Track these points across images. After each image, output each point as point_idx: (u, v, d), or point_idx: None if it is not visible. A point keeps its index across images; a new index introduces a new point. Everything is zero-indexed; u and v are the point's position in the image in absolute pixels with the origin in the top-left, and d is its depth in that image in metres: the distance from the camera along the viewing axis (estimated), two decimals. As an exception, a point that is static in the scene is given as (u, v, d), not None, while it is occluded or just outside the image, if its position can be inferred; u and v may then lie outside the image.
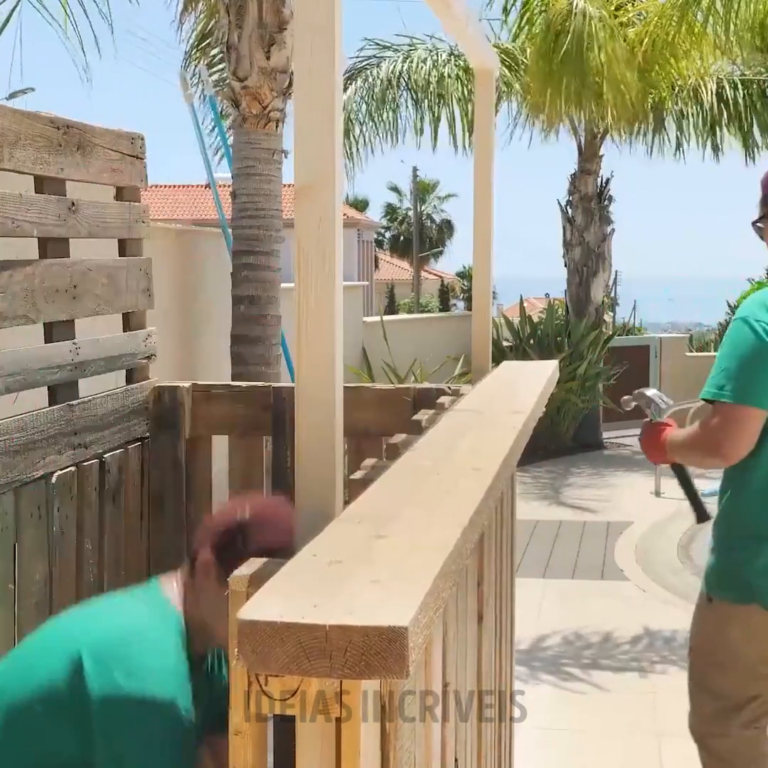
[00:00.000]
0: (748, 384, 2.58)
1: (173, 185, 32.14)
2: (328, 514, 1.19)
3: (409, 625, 0.88)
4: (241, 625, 0.89)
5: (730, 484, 2.76)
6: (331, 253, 1.18)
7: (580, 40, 10.09)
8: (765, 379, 2.59)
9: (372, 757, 1.04)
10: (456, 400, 2.32)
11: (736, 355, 2.61)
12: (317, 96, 1.17)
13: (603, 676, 4.85)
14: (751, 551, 2.70)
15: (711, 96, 11.76)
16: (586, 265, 12.01)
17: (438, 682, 1.40)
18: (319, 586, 0.98)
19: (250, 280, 6.55)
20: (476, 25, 2.66)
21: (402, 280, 47.92)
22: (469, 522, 1.22)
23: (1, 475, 2.24)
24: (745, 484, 2.71)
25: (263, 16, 6.46)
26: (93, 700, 1.69)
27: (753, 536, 2.71)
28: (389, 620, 0.88)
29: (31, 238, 2.45)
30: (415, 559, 1.07)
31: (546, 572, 6.66)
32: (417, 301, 39.40)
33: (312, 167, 1.18)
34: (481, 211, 2.92)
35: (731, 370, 2.60)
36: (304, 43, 1.18)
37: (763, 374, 2.59)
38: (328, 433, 1.20)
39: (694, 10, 10.04)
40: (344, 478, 1.33)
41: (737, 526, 2.74)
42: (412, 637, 0.88)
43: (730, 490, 2.76)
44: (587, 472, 10.36)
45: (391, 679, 0.89)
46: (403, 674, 0.88)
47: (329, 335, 1.19)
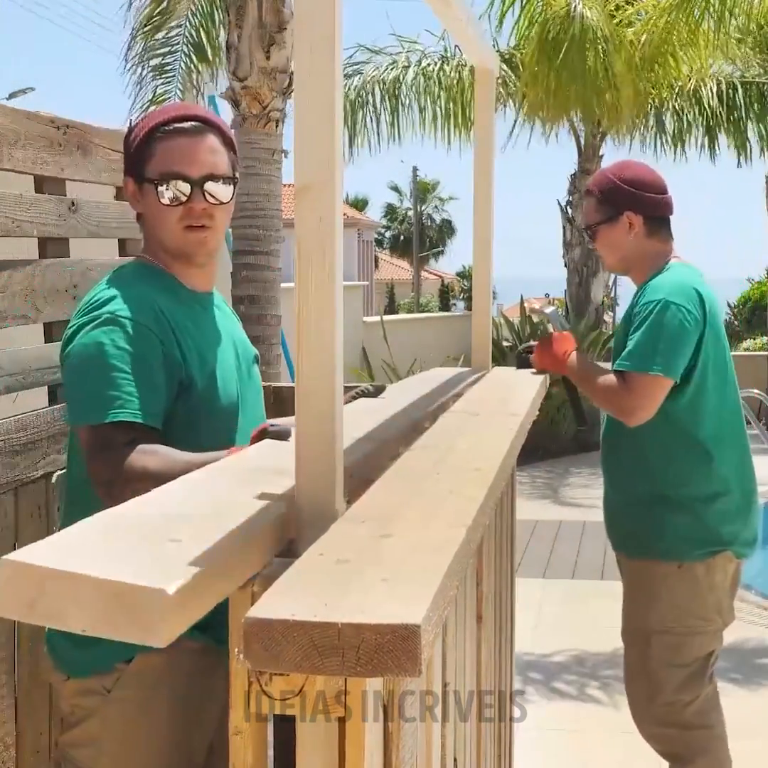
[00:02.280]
0: (672, 361, 2.84)
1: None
2: (330, 514, 1.19)
3: (422, 623, 0.88)
4: (251, 623, 0.89)
5: (669, 447, 2.95)
6: (332, 254, 1.18)
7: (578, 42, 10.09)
8: (681, 356, 2.85)
9: (376, 757, 1.04)
10: (455, 400, 2.33)
11: (664, 335, 2.85)
12: (317, 96, 1.17)
13: (603, 676, 4.85)
14: (717, 505, 2.92)
15: (711, 96, 11.77)
16: (586, 265, 12.02)
17: (438, 682, 1.40)
18: (328, 585, 0.98)
19: (250, 280, 6.56)
20: (476, 25, 2.66)
21: (402, 280, 47.92)
22: (473, 522, 1.22)
23: (1, 475, 2.24)
24: (693, 445, 2.93)
25: (263, 16, 6.46)
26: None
27: (717, 492, 2.93)
28: (402, 618, 0.88)
29: (31, 238, 2.45)
30: (421, 558, 1.08)
31: (546, 572, 6.66)
32: (417, 301, 39.40)
33: (312, 167, 1.18)
34: (481, 211, 2.92)
35: (655, 346, 2.84)
36: (304, 43, 1.18)
37: (681, 352, 2.85)
38: (329, 433, 1.20)
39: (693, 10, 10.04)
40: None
41: (696, 486, 2.94)
42: (425, 635, 0.89)
43: (677, 456, 2.94)
44: (587, 472, 10.35)
45: (404, 677, 0.89)
46: (416, 672, 0.88)
47: (330, 335, 1.19)
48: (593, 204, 3.09)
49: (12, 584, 0.95)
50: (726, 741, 3.04)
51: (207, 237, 1.96)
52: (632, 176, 3.03)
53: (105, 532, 1.10)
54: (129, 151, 1.99)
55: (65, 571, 0.94)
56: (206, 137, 1.95)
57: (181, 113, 1.97)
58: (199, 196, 1.91)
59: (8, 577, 0.96)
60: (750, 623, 5.36)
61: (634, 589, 3.02)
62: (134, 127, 1.99)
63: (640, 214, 3.00)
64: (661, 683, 2.95)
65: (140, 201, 1.98)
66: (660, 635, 2.94)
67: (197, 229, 1.93)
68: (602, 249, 3.15)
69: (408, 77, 11.90)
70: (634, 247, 3.04)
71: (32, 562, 0.96)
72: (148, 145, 1.94)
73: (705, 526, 2.92)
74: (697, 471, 2.94)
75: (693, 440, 2.93)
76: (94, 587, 0.93)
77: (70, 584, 0.94)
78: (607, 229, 3.05)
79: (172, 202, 1.91)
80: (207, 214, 1.92)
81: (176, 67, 8.93)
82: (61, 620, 0.94)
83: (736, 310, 21.17)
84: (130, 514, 1.17)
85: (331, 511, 1.20)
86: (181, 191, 1.90)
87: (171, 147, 1.92)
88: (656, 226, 3.04)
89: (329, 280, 1.19)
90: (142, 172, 1.94)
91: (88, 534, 1.08)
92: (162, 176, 1.91)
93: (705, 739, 2.99)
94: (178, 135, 1.93)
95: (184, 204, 1.91)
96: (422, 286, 44.96)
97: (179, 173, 1.90)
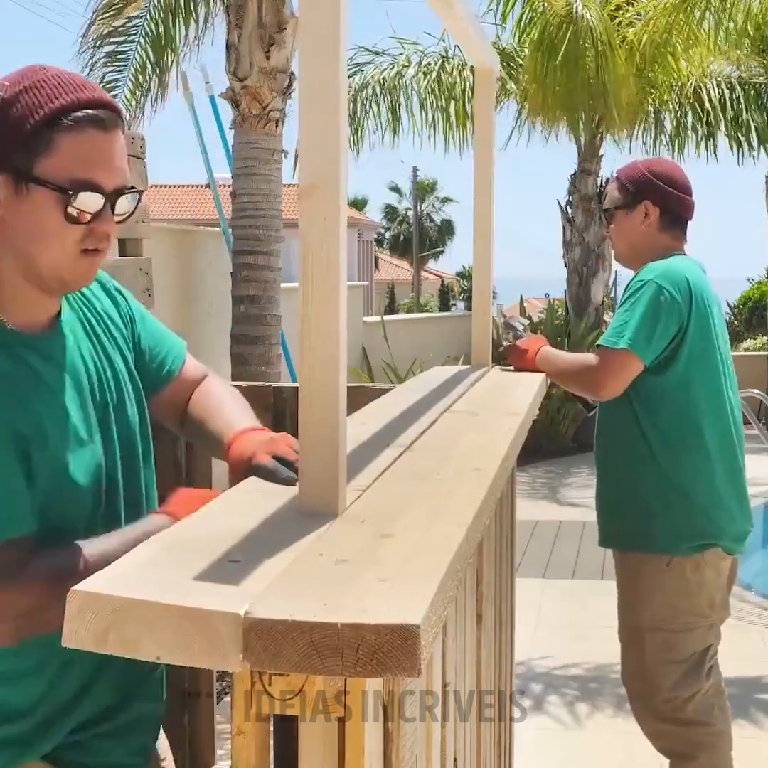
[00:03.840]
0: (643, 339, 2.87)
1: (173, 185, 32.14)
2: (333, 514, 1.19)
3: (421, 623, 0.88)
4: (249, 623, 0.89)
5: (673, 445, 2.96)
6: (336, 254, 1.18)
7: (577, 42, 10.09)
8: (654, 336, 2.88)
9: (376, 757, 1.04)
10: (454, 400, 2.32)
11: (640, 313, 2.88)
12: (321, 96, 1.17)
13: (603, 676, 4.85)
14: (701, 498, 2.94)
15: (710, 96, 11.77)
16: (586, 265, 12.01)
17: (438, 682, 1.40)
18: (327, 585, 0.98)
19: (250, 280, 6.56)
20: (477, 26, 2.66)
21: (402, 280, 47.92)
22: (472, 521, 1.22)
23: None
24: (701, 446, 2.95)
25: (263, 16, 6.47)
26: None
27: (703, 486, 2.95)
28: (401, 618, 0.88)
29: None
30: (421, 558, 1.08)
31: (546, 572, 6.66)
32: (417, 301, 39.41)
33: (316, 167, 1.17)
34: (481, 210, 2.92)
35: (629, 323, 2.89)
36: (309, 42, 1.17)
37: (654, 331, 2.88)
38: (333, 434, 1.19)
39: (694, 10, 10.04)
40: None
41: (683, 478, 2.95)
42: (424, 635, 0.89)
43: (673, 451, 2.95)
44: (587, 472, 10.34)
45: (403, 677, 0.89)
46: (415, 672, 0.88)
47: (334, 336, 1.19)
48: (616, 188, 3.13)
49: (84, 615, 0.94)
50: (730, 740, 3.04)
51: (96, 263, 1.51)
52: (660, 170, 3.08)
53: (168, 555, 1.08)
54: (4, 131, 1.42)
55: (137, 599, 0.93)
56: (118, 133, 1.47)
57: (89, 96, 1.45)
58: (108, 212, 1.46)
59: (80, 607, 0.94)
60: (750, 623, 5.36)
61: (627, 588, 3.04)
62: (16, 96, 1.42)
63: (657, 205, 3.04)
64: (658, 680, 2.96)
65: (9, 202, 1.44)
66: (653, 633, 2.96)
67: (93, 254, 1.48)
68: (614, 233, 3.16)
69: (408, 75, 11.89)
70: (644, 237, 3.06)
71: (102, 592, 0.95)
72: (47, 132, 1.41)
73: (690, 519, 2.93)
74: (685, 464, 2.95)
75: (682, 433, 2.95)
76: (167, 614, 0.92)
77: (142, 612, 0.93)
78: (623, 214, 3.09)
79: (78, 219, 1.43)
80: (106, 235, 1.48)
81: (130, 57, 8.96)
82: (134, 649, 0.93)
83: (736, 310, 21.15)
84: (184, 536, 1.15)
85: (334, 511, 1.20)
86: (92, 208, 1.44)
87: (83, 144, 1.43)
88: (671, 223, 3.06)
89: (333, 281, 1.18)
90: (30, 167, 1.41)
91: (154, 558, 1.07)
92: (73, 184, 1.41)
93: (705, 735, 2.99)
94: (92, 128, 1.43)
95: (89, 223, 1.45)
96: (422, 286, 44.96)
97: (93, 183, 1.43)
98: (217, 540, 1.10)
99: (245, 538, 1.12)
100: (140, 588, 0.96)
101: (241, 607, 0.91)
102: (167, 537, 1.14)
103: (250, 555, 1.06)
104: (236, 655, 0.90)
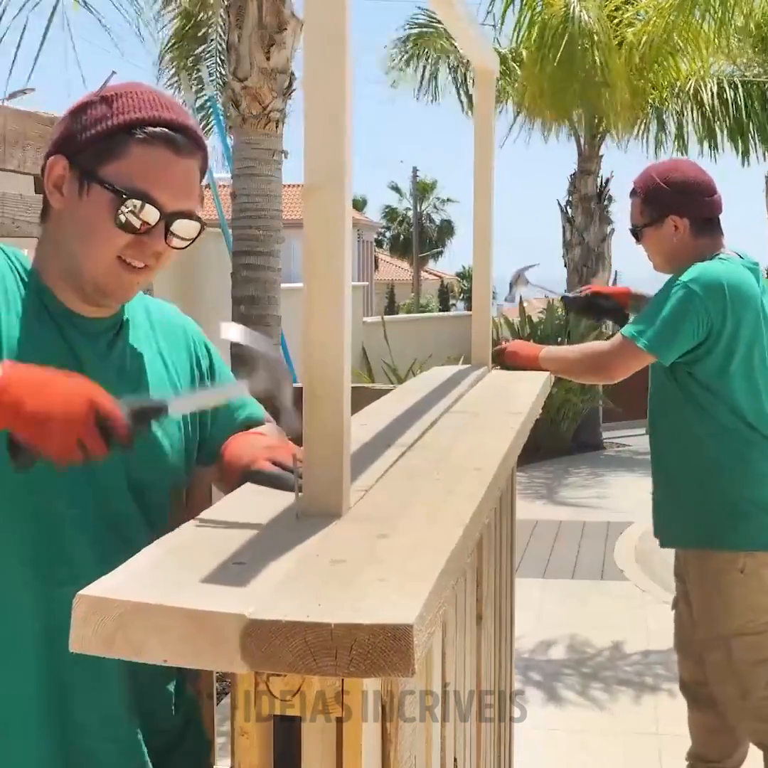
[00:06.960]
0: (659, 338, 2.88)
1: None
2: (338, 515, 1.19)
3: (414, 622, 0.88)
4: (245, 624, 0.89)
5: (723, 442, 2.95)
6: (340, 254, 1.17)
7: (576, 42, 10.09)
8: (676, 340, 2.89)
9: (374, 757, 1.04)
10: (455, 400, 2.32)
11: (660, 311, 2.89)
12: (325, 95, 1.16)
13: (603, 676, 4.85)
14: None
15: (711, 96, 11.77)
16: (586, 265, 12.02)
17: (438, 682, 1.40)
18: (322, 586, 0.98)
19: (250, 280, 6.55)
20: (477, 27, 2.66)
21: (402, 281, 47.93)
22: (471, 520, 1.22)
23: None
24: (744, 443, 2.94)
25: (263, 16, 6.46)
26: None
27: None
28: (394, 618, 0.88)
29: (31, 239, 2.45)
30: (417, 558, 1.08)
31: (546, 572, 6.66)
32: (417, 302, 39.42)
33: (320, 167, 1.16)
34: (480, 210, 2.92)
35: (653, 322, 2.89)
36: (313, 41, 1.17)
37: (676, 335, 2.88)
38: (337, 435, 1.19)
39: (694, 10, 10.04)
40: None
41: (746, 480, 2.94)
42: (417, 634, 0.88)
43: (723, 447, 2.94)
44: (587, 472, 10.37)
45: (396, 677, 0.89)
46: (409, 672, 0.88)
47: (337, 336, 1.18)
48: (638, 205, 3.07)
49: (90, 619, 0.94)
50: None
51: (139, 282, 1.51)
52: (677, 179, 3.01)
53: (173, 557, 1.08)
54: (79, 129, 1.47)
55: (142, 602, 0.93)
56: (192, 161, 1.50)
57: (171, 117, 1.49)
58: (160, 232, 1.46)
59: (85, 612, 0.94)
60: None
61: (708, 591, 2.97)
62: (99, 102, 1.48)
63: (685, 217, 2.99)
64: (750, 681, 2.94)
65: (70, 197, 1.47)
66: (739, 638, 2.93)
67: (133, 269, 1.48)
68: (648, 249, 3.12)
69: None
70: (681, 248, 3.01)
71: (107, 596, 0.94)
72: (119, 139, 1.45)
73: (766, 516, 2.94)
74: (750, 465, 2.95)
75: (742, 439, 2.95)
76: (173, 616, 0.92)
77: (149, 615, 0.93)
78: (652, 232, 3.04)
79: (126, 227, 1.44)
80: (156, 254, 1.48)
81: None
82: (141, 653, 0.93)
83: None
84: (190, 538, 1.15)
85: (338, 512, 1.19)
86: (144, 219, 1.44)
87: (152, 159, 1.45)
88: (703, 226, 3.01)
89: (337, 282, 1.18)
90: (95, 167, 1.45)
91: (157, 561, 1.07)
92: (130, 191, 1.43)
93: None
94: (164, 145, 1.46)
95: (138, 234, 1.45)
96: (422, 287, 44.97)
97: (150, 196, 1.44)
98: (222, 542, 1.10)
99: (250, 540, 1.12)
100: (146, 591, 0.96)
101: (245, 609, 0.91)
102: (172, 539, 1.14)
103: (255, 557, 1.06)
104: (239, 656, 0.90)
